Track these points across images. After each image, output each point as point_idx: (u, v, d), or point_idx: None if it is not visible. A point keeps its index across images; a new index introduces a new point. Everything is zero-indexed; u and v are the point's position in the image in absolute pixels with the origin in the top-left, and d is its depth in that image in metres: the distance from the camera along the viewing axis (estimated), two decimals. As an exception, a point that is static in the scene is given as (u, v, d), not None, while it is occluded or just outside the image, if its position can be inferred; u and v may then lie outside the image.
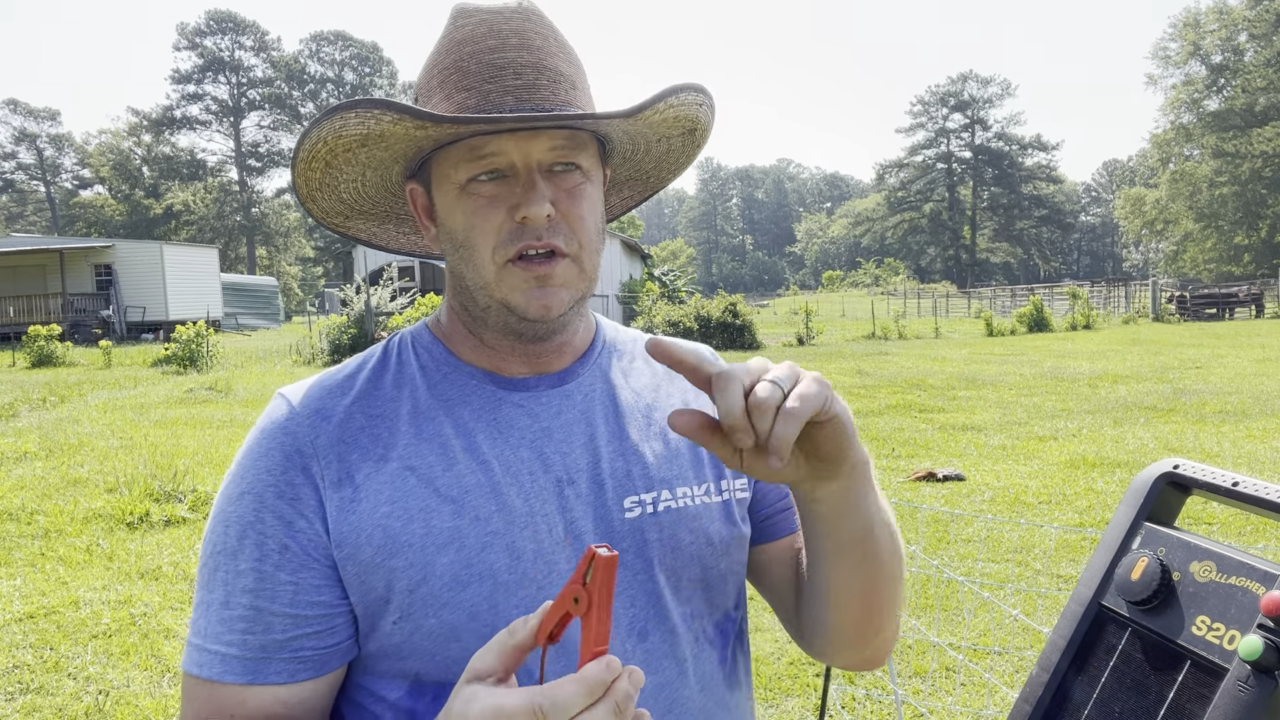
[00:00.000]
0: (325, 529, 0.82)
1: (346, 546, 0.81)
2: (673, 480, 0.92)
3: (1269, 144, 53.36)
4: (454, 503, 0.83)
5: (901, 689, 3.49)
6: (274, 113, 77.32)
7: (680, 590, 0.90)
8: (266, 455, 0.84)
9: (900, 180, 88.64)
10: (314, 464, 0.83)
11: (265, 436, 0.86)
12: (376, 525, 0.81)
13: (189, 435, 9.57)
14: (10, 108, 75.91)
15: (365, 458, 0.84)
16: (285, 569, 0.81)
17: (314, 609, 0.81)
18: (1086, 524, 5.62)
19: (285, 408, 0.87)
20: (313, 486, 0.82)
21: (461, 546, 0.82)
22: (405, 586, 0.80)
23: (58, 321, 26.99)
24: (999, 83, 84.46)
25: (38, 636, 4.27)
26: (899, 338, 23.96)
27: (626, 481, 0.90)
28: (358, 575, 0.81)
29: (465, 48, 0.85)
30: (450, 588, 0.80)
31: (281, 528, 0.82)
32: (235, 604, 0.81)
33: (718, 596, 0.93)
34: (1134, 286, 37.25)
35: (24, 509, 6.45)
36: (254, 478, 0.84)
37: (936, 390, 12.23)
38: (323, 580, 0.82)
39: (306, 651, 0.82)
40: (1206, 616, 0.61)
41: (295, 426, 0.85)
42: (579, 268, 0.87)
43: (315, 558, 0.82)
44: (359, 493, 0.82)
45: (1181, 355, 16.23)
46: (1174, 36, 58.81)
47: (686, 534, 0.90)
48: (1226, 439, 8.22)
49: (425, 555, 0.81)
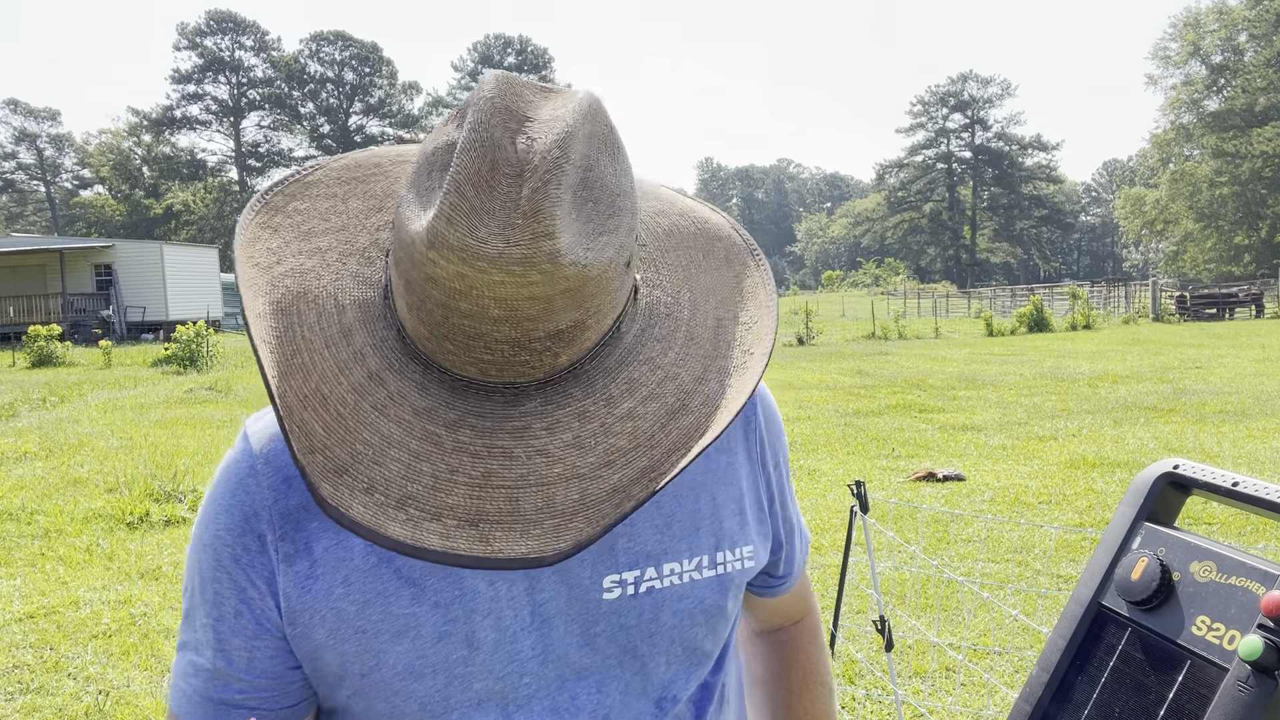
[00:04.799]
0: (275, 604, 0.76)
1: (299, 624, 0.76)
2: (661, 555, 0.81)
3: (1269, 144, 53.37)
4: (414, 585, 0.75)
5: (901, 689, 3.49)
6: (274, 113, 77.30)
7: (657, 676, 0.83)
8: (226, 512, 0.78)
9: (900, 180, 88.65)
10: (270, 533, 0.76)
11: (225, 490, 0.79)
12: (330, 607, 0.75)
13: (189, 435, 9.58)
14: (10, 108, 75.91)
15: (326, 526, 0.76)
16: (240, 634, 0.77)
17: (267, 677, 0.78)
18: (1086, 524, 5.62)
19: (247, 461, 0.79)
20: (266, 557, 0.76)
21: (417, 636, 0.75)
22: (357, 671, 0.76)
23: (58, 321, 27.01)
24: (999, 83, 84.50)
25: (38, 636, 4.27)
26: (899, 338, 23.96)
27: (609, 557, 0.80)
28: (310, 653, 0.77)
29: (433, 289, 0.64)
30: (403, 678, 0.76)
31: (235, 593, 0.77)
32: (202, 652, 0.79)
33: (696, 670, 0.86)
34: (1134, 286, 37.27)
35: (24, 509, 6.45)
36: (213, 534, 0.78)
37: (936, 390, 12.23)
38: (274, 650, 0.77)
39: (263, 711, 0.79)
40: (1206, 616, 0.61)
41: (255, 485, 0.77)
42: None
43: (267, 628, 0.77)
44: (316, 569, 0.75)
45: (1181, 355, 16.24)
46: (1174, 37, 58.83)
47: (669, 616, 0.82)
48: (1226, 439, 8.22)
49: (379, 643, 0.75)
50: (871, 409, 10.65)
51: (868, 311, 34.37)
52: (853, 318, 36.40)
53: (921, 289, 56.60)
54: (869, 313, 32.35)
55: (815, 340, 22.81)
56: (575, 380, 0.68)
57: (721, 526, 0.85)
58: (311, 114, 78.39)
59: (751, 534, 0.87)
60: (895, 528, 5.41)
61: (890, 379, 13.67)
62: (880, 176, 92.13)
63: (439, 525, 0.61)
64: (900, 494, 6.46)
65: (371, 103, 78.38)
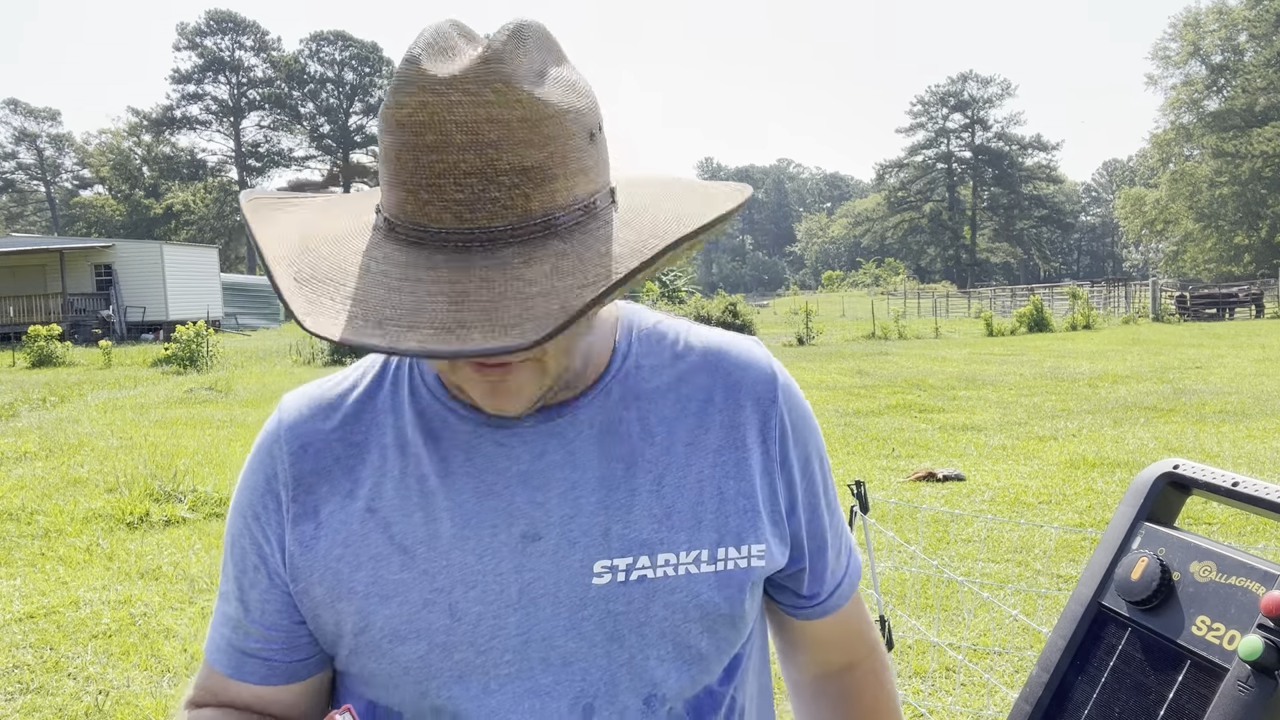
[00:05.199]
0: (283, 560, 0.83)
1: (301, 581, 0.82)
2: (656, 544, 0.81)
3: (1269, 144, 53.37)
4: (405, 553, 0.80)
5: (901, 689, 3.49)
6: (274, 113, 77.34)
7: (645, 669, 0.81)
8: (253, 474, 0.86)
9: (900, 180, 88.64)
10: (284, 493, 0.83)
11: (256, 453, 0.87)
12: (328, 567, 0.81)
13: (189, 435, 9.58)
14: (10, 108, 75.94)
15: (334, 491, 0.82)
16: (257, 587, 0.84)
17: (278, 630, 0.84)
18: (1086, 524, 5.62)
19: (275, 426, 0.86)
20: (279, 516, 0.83)
21: (404, 601, 0.79)
22: (350, 630, 0.81)
23: (58, 321, 26.97)
24: (999, 83, 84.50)
25: (38, 636, 4.27)
26: (899, 338, 23.97)
27: (602, 542, 0.80)
28: (310, 610, 0.83)
29: (403, 135, 0.66)
30: (390, 640, 0.79)
31: (254, 549, 0.84)
32: (229, 603, 0.87)
33: (697, 673, 0.83)
34: (1134, 286, 37.26)
35: (24, 509, 6.45)
36: (240, 494, 0.86)
37: (936, 390, 12.23)
38: (282, 605, 0.84)
39: (276, 662, 0.85)
40: (1206, 616, 0.61)
41: (277, 450, 0.85)
42: (542, 369, 0.76)
43: (276, 584, 0.83)
44: (320, 530, 0.81)
45: (1181, 355, 16.23)
46: (1174, 37, 58.83)
47: (660, 608, 0.81)
48: (1226, 439, 8.22)
49: (368, 604, 0.80)
50: (871, 409, 10.64)
51: (868, 311, 34.36)
52: (853, 318, 36.40)
53: (921, 289, 56.58)
54: (869, 313, 32.34)
55: (815, 340, 22.81)
56: (552, 233, 0.68)
57: (726, 522, 0.83)
58: (311, 114, 78.41)
59: (765, 533, 0.85)
60: (895, 528, 5.41)
61: (890, 379, 13.67)
62: (880, 176, 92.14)
63: (416, 334, 0.63)
64: (900, 494, 6.46)
65: (371, 103, 78.34)
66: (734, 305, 21.05)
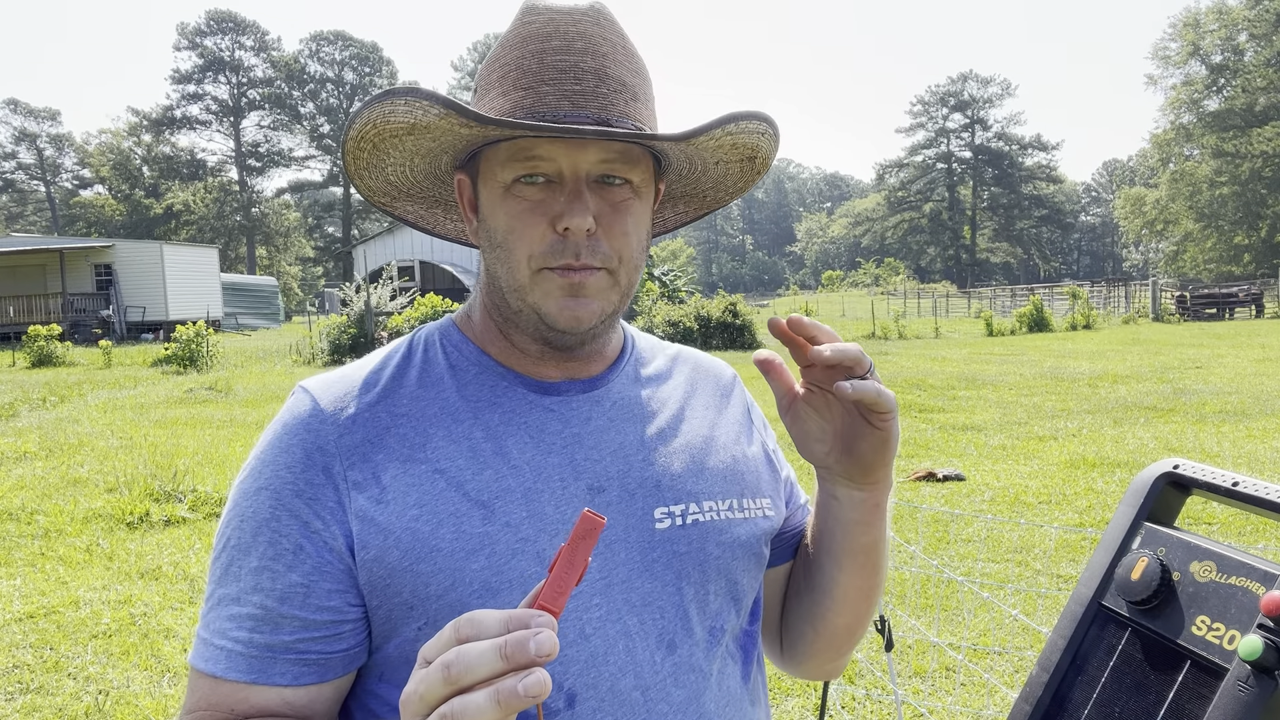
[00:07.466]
0: (343, 531, 0.80)
1: (372, 548, 0.79)
2: (700, 494, 0.91)
3: (1269, 144, 53.35)
4: (484, 507, 0.82)
5: (901, 689, 3.49)
6: (274, 113, 77.28)
7: (707, 604, 0.89)
8: (287, 451, 0.83)
9: (900, 180, 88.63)
10: (336, 464, 0.81)
11: (287, 432, 0.84)
12: (405, 528, 0.80)
13: (189, 435, 9.57)
14: (10, 108, 75.89)
15: (391, 458, 0.82)
16: (298, 570, 0.80)
17: (323, 613, 0.80)
18: (1086, 524, 5.62)
19: (308, 403, 0.86)
20: (333, 487, 0.81)
21: (493, 553, 0.80)
22: (434, 593, 0.79)
23: (58, 321, 26.99)
24: (999, 83, 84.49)
25: (38, 636, 4.27)
26: (899, 338, 23.96)
27: (656, 492, 0.89)
28: (383, 579, 0.80)
29: (529, 45, 0.83)
30: (480, 595, 0.79)
31: (297, 528, 0.80)
32: (246, 601, 0.81)
33: (740, 611, 0.94)
34: (1134, 286, 37.24)
35: (24, 509, 6.45)
36: (272, 474, 0.82)
37: (936, 390, 12.23)
38: (335, 585, 0.80)
39: (312, 655, 0.81)
40: (1206, 616, 0.61)
41: (318, 424, 0.84)
42: (614, 281, 0.85)
43: (329, 561, 0.80)
44: (386, 494, 0.81)
45: (1181, 355, 16.23)
46: (1174, 37, 58.81)
47: (714, 548, 0.90)
48: (1226, 439, 8.22)
49: (455, 561, 0.79)
50: (871, 409, 10.63)
51: (868, 311, 34.36)
52: (853, 318, 36.39)
53: (921, 289, 56.56)
54: (869, 313, 32.34)
55: (815, 340, 22.74)
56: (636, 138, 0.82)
57: (743, 479, 0.96)
58: (311, 114, 78.37)
59: (766, 489, 0.99)
60: (895, 528, 5.41)
61: (890, 379, 13.66)
62: (880, 176, 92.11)
63: (559, 132, 0.78)
64: (900, 494, 6.46)
65: (371, 103, 78.11)
66: (734, 305, 20.95)
